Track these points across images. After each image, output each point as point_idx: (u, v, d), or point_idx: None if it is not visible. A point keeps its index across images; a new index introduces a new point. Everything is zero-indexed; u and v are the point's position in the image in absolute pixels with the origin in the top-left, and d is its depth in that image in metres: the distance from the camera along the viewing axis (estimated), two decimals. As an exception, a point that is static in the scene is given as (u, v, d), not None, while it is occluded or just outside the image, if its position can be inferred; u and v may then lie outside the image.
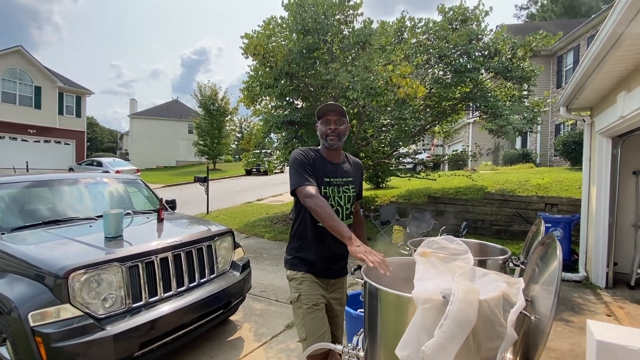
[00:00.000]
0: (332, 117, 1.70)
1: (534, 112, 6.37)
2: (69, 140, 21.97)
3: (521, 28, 17.60)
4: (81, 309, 2.00)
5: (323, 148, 1.75)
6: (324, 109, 1.71)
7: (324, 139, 1.71)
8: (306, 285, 1.66)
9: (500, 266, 1.41)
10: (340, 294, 1.81)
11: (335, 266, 1.76)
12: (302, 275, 1.69)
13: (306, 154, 1.68)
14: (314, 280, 1.69)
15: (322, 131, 1.71)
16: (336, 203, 1.70)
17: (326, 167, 1.71)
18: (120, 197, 3.64)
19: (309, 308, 1.61)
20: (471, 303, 0.85)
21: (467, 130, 18.09)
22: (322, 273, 1.72)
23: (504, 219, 6.78)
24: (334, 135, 1.68)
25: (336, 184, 1.71)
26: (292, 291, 1.71)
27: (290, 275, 1.74)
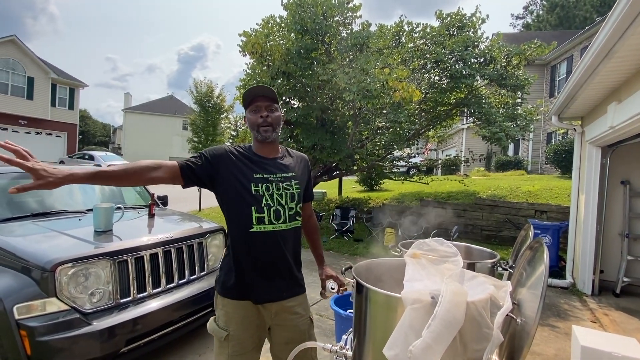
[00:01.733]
0: (262, 103, 1.42)
1: (526, 120, 6.47)
2: (61, 133, 21.64)
3: (516, 37, 17.87)
4: (68, 303, 1.98)
5: (255, 143, 1.49)
6: (252, 92, 1.42)
7: (255, 131, 1.44)
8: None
9: (489, 269, 1.43)
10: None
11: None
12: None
13: (224, 149, 1.42)
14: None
15: (252, 121, 1.44)
16: (275, 202, 1.40)
17: (257, 162, 1.44)
18: (111, 191, 3.60)
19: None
20: (459, 304, 0.86)
21: (460, 136, 18.27)
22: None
23: (494, 225, 6.86)
24: (266, 125, 1.42)
25: (273, 180, 1.42)
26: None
27: None
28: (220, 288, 1.43)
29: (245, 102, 1.45)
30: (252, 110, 1.44)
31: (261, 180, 1.40)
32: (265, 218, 1.38)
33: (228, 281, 1.40)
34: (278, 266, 1.41)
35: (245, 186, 1.38)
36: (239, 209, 1.38)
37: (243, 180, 1.38)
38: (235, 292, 1.39)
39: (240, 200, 1.38)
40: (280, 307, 1.43)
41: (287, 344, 1.42)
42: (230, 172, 1.39)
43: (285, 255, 1.42)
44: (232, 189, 1.39)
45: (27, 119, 19.53)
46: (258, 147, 1.48)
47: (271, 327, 1.46)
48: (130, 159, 21.25)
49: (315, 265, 1.71)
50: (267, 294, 1.40)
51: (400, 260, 1.38)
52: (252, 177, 1.40)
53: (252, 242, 1.37)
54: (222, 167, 1.39)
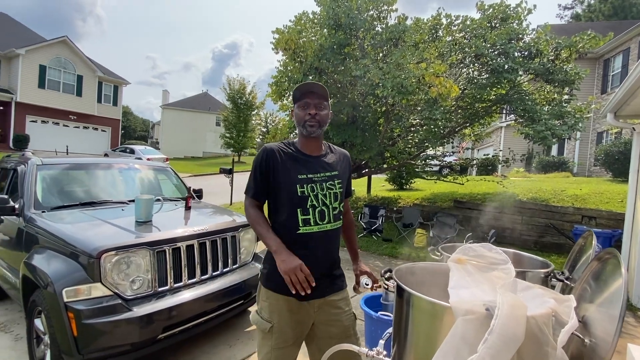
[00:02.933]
0: (312, 101, 1.42)
1: (576, 117, 5.98)
2: (106, 127, 23.11)
3: (564, 28, 16.63)
4: (111, 289, 2.07)
5: (300, 139, 1.49)
6: (303, 89, 1.43)
7: (301, 126, 1.44)
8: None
9: (542, 280, 1.31)
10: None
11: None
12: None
13: (268, 154, 1.42)
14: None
15: (299, 117, 1.44)
16: (320, 203, 1.40)
17: (302, 161, 1.44)
18: (150, 183, 3.76)
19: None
20: (518, 319, 0.78)
21: (498, 134, 17.37)
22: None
23: (535, 230, 6.44)
24: (314, 121, 1.41)
25: (317, 180, 1.42)
26: None
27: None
28: (265, 281, 1.45)
29: (295, 97, 1.46)
30: (300, 105, 1.44)
31: (306, 181, 1.41)
32: (310, 219, 1.40)
33: (273, 275, 1.40)
34: (323, 265, 1.43)
35: (291, 188, 1.39)
36: (285, 211, 1.40)
37: (289, 182, 1.40)
38: (279, 286, 1.39)
39: (286, 202, 1.40)
40: (323, 301, 1.44)
41: (331, 339, 1.42)
42: (278, 175, 1.42)
43: (330, 254, 1.44)
44: (278, 191, 1.42)
45: (76, 114, 21.03)
46: (303, 143, 1.48)
47: (315, 322, 1.45)
48: (166, 153, 22.29)
49: (345, 260, 1.70)
50: (311, 292, 1.39)
51: (442, 265, 1.30)
52: (297, 178, 1.41)
53: (299, 243, 1.38)
54: (271, 175, 1.43)
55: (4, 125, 18.52)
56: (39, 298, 2.16)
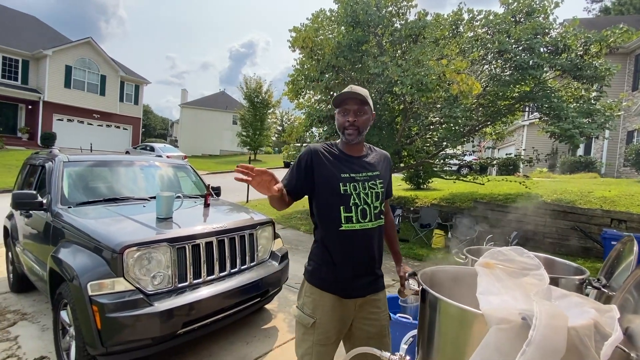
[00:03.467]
0: (351, 107, 1.45)
1: (605, 116, 5.70)
2: (127, 126, 23.82)
3: (592, 22, 15.91)
4: (133, 284, 2.12)
5: (342, 142, 1.54)
6: (342, 96, 1.45)
7: (341, 132, 1.48)
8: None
9: (577, 287, 1.24)
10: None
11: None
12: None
13: (313, 152, 1.48)
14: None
15: (339, 123, 1.48)
16: (362, 201, 1.44)
17: (345, 161, 1.49)
18: (170, 180, 3.83)
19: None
20: (558, 330, 0.73)
21: (520, 133, 16.82)
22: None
23: (559, 232, 6.19)
24: (352, 128, 1.45)
25: (360, 179, 1.46)
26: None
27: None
28: (310, 277, 1.48)
29: (335, 103, 1.49)
30: (340, 112, 1.48)
31: (349, 180, 1.45)
32: (353, 217, 1.43)
33: (318, 272, 1.46)
34: (365, 263, 1.45)
35: (334, 186, 1.43)
36: (328, 208, 1.44)
37: (332, 180, 1.44)
38: (324, 283, 1.44)
39: (329, 199, 1.43)
40: (364, 300, 1.47)
41: (368, 338, 1.46)
42: (321, 173, 1.46)
43: (372, 252, 1.47)
44: (322, 189, 1.46)
45: (99, 113, 21.78)
46: (344, 145, 1.53)
47: (354, 320, 1.47)
48: (185, 151, 22.75)
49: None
50: (354, 290, 1.45)
51: (469, 269, 1.25)
52: (340, 176, 1.44)
53: (341, 240, 1.42)
54: (315, 172, 1.46)
55: (33, 124, 19.38)
56: (65, 291, 2.23)
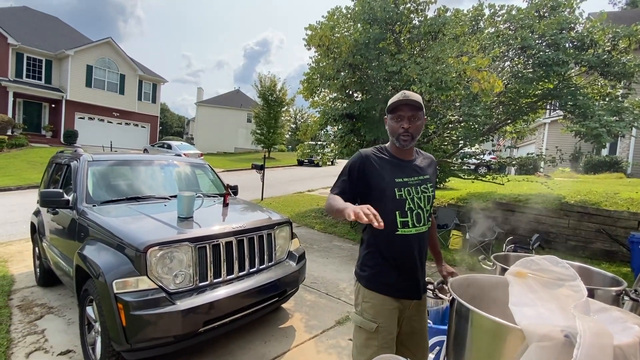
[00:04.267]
0: (405, 113, 1.44)
1: (634, 114, 5.44)
2: (145, 124, 24.37)
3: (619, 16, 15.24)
4: (156, 282, 2.16)
5: (392, 145, 1.53)
6: (396, 103, 1.44)
7: (395, 138, 1.48)
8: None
9: (613, 299, 1.19)
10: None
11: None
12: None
13: (364, 159, 1.48)
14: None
15: (392, 128, 1.48)
16: (416, 206, 1.46)
17: (398, 165, 1.50)
18: (189, 179, 3.88)
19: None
20: (604, 349, 0.69)
21: (542, 132, 16.29)
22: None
23: (583, 235, 5.97)
24: (407, 135, 1.45)
25: (413, 183, 1.48)
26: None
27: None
28: (367, 282, 1.49)
29: (389, 108, 1.49)
30: (394, 118, 1.48)
31: (403, 185, 1.47)
32: (409, 222, 1.45)
33: (375, 277, 1.47)
34: (418, 266, 1.49)
35: (389, 192, 1.45)
36: (384, 213, 1.40)
37: (387, 186, 1.45)
38: (383, 287, 1.46)
39: (386, 204, 1.43)
40: (417, 303, 1.52)
41: (413, 333, 1.53)
42: (376, 179, 1.46)
43: (424, 255, 1.52)
44: (377, 194, 1.46)
45: (119, 111, 22.34)
46: (395, 149, 1.54)
47: (403, 319, 1.51)
48: (201, 149, 23.14)
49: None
50: (411, 292, 1.48)
51: (500, 278, 1.21)
52: (395, 182, 1.46)
53: (398, 244, 1.45)
54: (369, 178, 1.47)
55: (56, 122, 20.06)
56: (90, 287, 2.29)
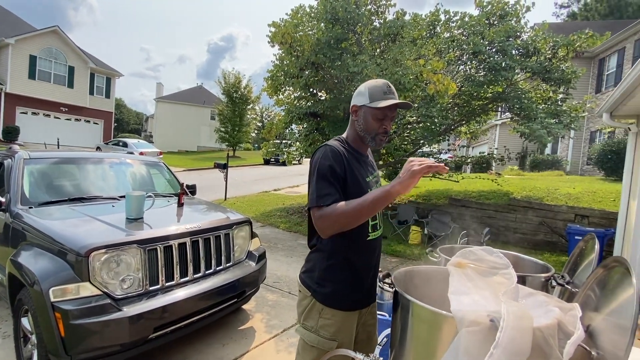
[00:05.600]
0: (391, 114, 1.29)
1: (571, 117, 6.00)
2: (98, 120, 22.73)
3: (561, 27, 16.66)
4: (100, 288, 2.02)
5: (356, 140, 1.34)
6: (387, 100, 1.24)
7: (370, 136, 1.29)
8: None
9: (542, 284, 1.29)
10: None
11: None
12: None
13: (339, 154, 1.25)
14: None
15: (371, 126, 1.28)
16: None
17: (363, 162, 1.35)
18: (143, 178, 3.68)
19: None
20: (524, 331, 0.75)
21: (493, 132, 17.44)
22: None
23: (528, 228, 6.48)
24: (385, 136, 1.31)
25: (374, 180, 1.36)
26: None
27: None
28: (329, 300, 1.29)
29: (373, 99, 1.26)
30: (378, 115, 1.27)
31: (371, 184, 1.33)
32: (377, 224, 1.34)
33: (340, 293, 1.29)
34: (377, 270, 1.38)
35: (363, 193, 1.24)
36: None
37: (362, 186, 1.27)
38: (348, 304, 1.30)
39: None
40: (371, 307, 1.43)
41: (369, 340, 1.44)
42: (354, 178, 1.27)
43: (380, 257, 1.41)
44: (354, 197, 1.20)
45: (67, 106, 20.63)
46: (358, 144, 1.34)
47: (359, 326, 1.42)
48: (160, 147, 22.02)
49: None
50: (371, 298, 1.38)
51: (442, 268, 1.27)
52: (365, 181, 1.30)
53: (366, 250, 1.31)
54: (348, 177, 1.25)
55: (-7, 117, 18.12)
56: (25, 297, 2.10)
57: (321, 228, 1.17)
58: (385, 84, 1.28)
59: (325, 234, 1.20)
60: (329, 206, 1.15)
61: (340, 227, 1.15)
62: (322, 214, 1.16)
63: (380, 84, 1.28)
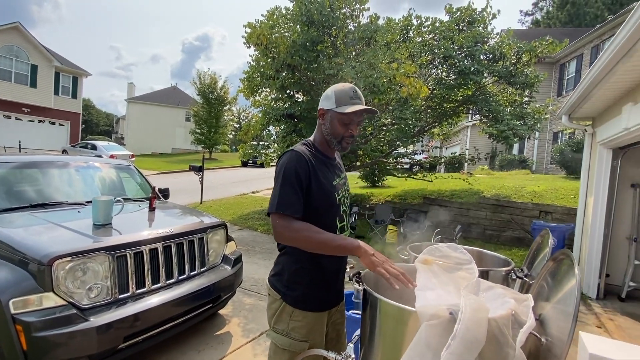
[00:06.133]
0: (358, 119, 1.30)
1: (535, 118, 6.35)
2: (64, 122, 21.60)
3: (525, 34, 17.58)
4: (65, 298, 1.93)
5: (323, 143, 1.35)
6: (356, 106, 1.26)
7: (337, 140, 1.30)
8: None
9: (503, 278, 1.37)
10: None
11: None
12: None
13: (304, 160, 1.24)
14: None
15: (337, 130, 1.29)
16: (346, 207, 1.38)
17: (330, 166, 1.37)
18: (112, 182, 3.55)
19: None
20: (480, 322, 0.80)
21: (465, 133, 18.10)
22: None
23: (498, 225, 6.78)
24: (351, 140, 1.33)
25: (341, 184, 1.37)
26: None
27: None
28: (299, 303, 1.31)
29: (340, 106, 1.26)
30: (344, 120, 1.28)
31: (338, 187, 1.35)
32: (345, 225, 1.37)
33: (310, 295, 1.31)
34: (345, 271, 1.40)
35: (332, 197, 1.30)
36: (327, 220, 1.29)
37: (329, 190, 1.30)
38: (317, 305, 1.32)
39: (327, 211, 1.31)
40: (340, 305, 1.46)
41: (338, 338, 1.47)
42: (320, 183, 1.28)
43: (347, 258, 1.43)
44: (319, 201, 1.27)
45: (30, 107, 19.47)
46: (325, 147, 1.36)
47: (329, 325, 1.44)
48: (132, 149, 21.24)
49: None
50: (339, 298, 1.42)
51: (410, 265, 1.32)
52: (332, 184, 1.32)
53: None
54: (313, 181, 1.26)
55: (-55, 118, 16.80)
56: (-19, 310, 1.97)
57: (281, 235, 1.20)
58: (352, 89, 1.29)
59: (279, 240, 1.25)
60: (298, 221, 1.19)
61: (298, 246, 1.21)
62: (289, 225, 1.18)
63: (347, 89, 1.29)
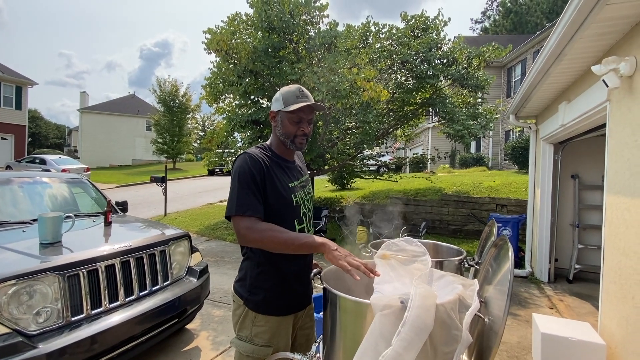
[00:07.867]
0: (307, 116, 1.33)
1: (487, 118, 6.78)
2: (7, 135, 19.83)
3: (476, 40, 18.80)
4: (9, 326, 1.77)
5: (280, 146, 1.37)
6: (304, 106, 1.29)
7: (290, 140, 1.33)
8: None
9: (457, 267, 1.45)
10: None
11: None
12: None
13: (258, 162, 1.26)
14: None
15: (288, 129, 1.32)
16: (307, 209, 1.40)
17: (287, 168, 1.38)
18: (64, 198, 3.32)
19: None
20: (429, 308, 0.84)
21: (427, 135, 18.91)
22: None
23: (459, 219, 7.14)
24: (304, 138, 1.35)
25: (300, 186, 1.39)
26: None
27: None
28: (261, 307, 1.31)
29: (287, 105, 1.30)
30: (293, 119, 1.31)
31: (295, 189, 1.36)
32: (305, 228, 1.37)
33: (272, 300, 1.31)
34: (309, 273, 1.37)
35: (288, 199, 1.31)
36: (285, 223, 1.27)
37: (285, 192, 1.30)
38: (280, 309, 1.32)
39: (286, 213, 1.30)
40: (307, 309, 1.46)
41: (308, 342, 1.47)
42: (275, 185, 1.28)
43: (312, 259, 1.42)
44: (275, 203, 1.27)
45: (-35, 120, 17.68)
46: (282, 150, 1.38)
47: (296, 330, 1.44)
48: (88, 162, 19.91)
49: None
50: (305, 301, 1.41)
51: (370, 261, 1.36)
52: (289, 187, 1.33)
53: (297, 255, 1.30)
54: (268, 184, 1.27)
55: None
56: None
57: (245, 237, 1.20)
58: (298, 89, 1.33)
59: (243, 243, 1.25)
60: (261, 221, 1.20)
61: (263, 247, 1.21)
62: (252, 226, 1.18)
63: (294, 89, 1.33)
